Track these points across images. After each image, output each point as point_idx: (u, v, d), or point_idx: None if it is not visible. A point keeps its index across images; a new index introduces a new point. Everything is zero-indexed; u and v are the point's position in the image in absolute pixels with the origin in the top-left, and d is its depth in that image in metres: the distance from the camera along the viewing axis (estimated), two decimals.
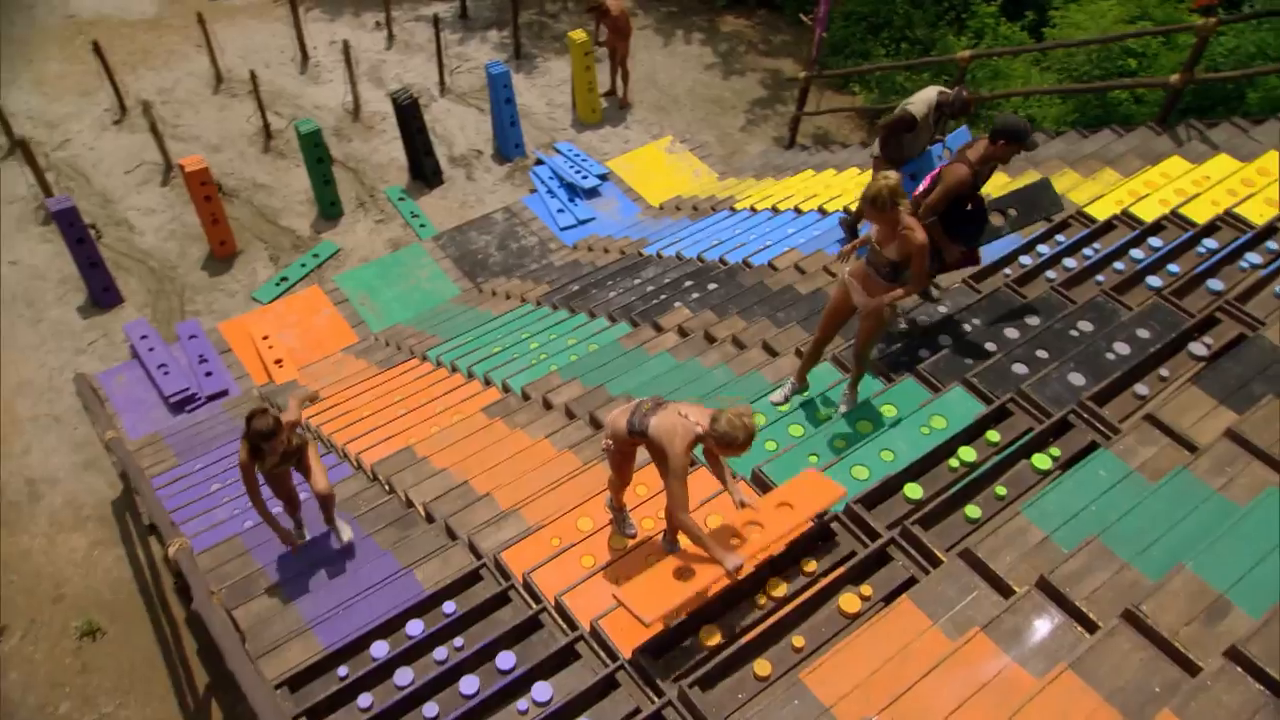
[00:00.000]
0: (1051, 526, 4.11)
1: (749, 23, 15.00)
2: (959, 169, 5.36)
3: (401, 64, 13.62)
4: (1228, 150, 7.41)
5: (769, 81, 13.82)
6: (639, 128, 12.79)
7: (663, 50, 14.29)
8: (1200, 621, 3.46)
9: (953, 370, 5.54)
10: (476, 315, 9.21)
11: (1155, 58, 11.99)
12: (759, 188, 10.64)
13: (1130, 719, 3.23)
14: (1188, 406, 4.58)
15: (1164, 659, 3.38)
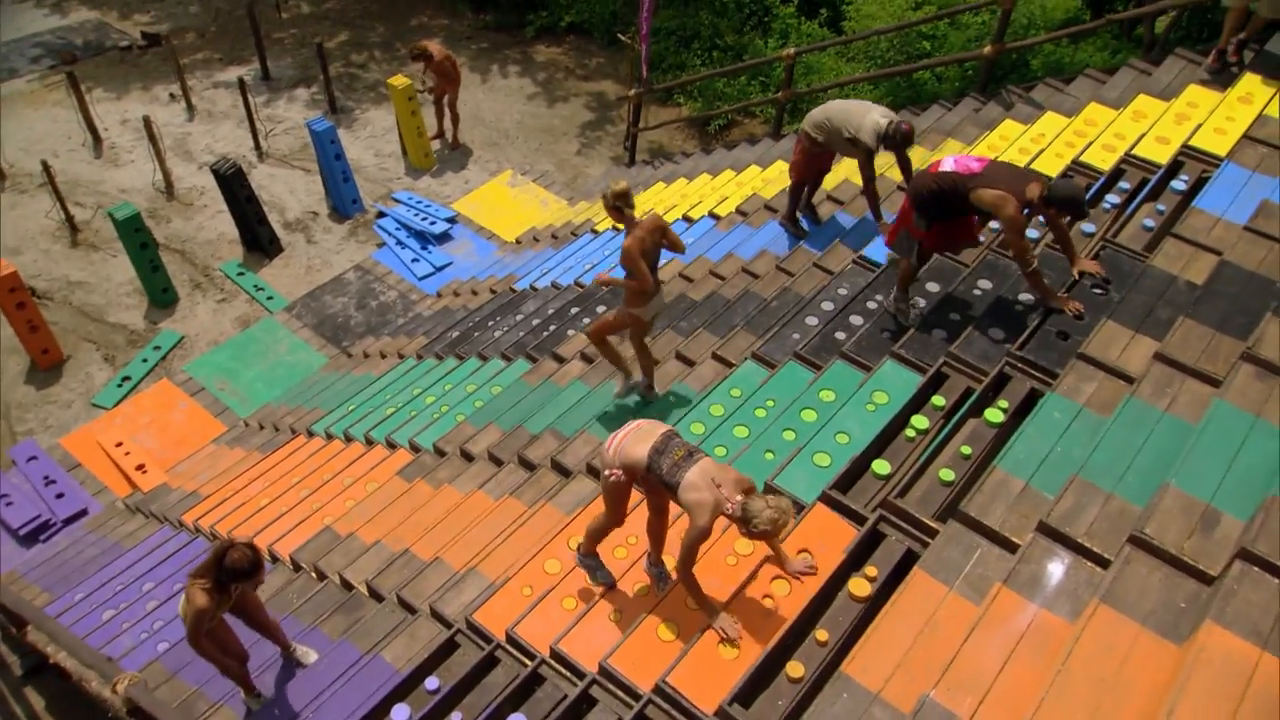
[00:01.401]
0: (1028, 474, 4.22)
1: (561, 50, 15.04)
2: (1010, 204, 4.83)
3: (209, 134, 12.78)
4: (1052, 108, 8.00)
5: (594, 105, 13.89)
6: (476, 167, 12.54)
7: (482, 87, 14.09)
8: (1199, 533, 3.62)
9: (876, 347, 5.65)
10: (355, 380, 8.69)
11: (945, 38, 12.89)
12: None
13: (1170, 638, 3.34)
14: (1110, 340, 4.84)
15: (1179, 574, 3.52)
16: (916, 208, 5.25)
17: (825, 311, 6.36)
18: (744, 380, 5.93)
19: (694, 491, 3.78)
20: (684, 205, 9.61)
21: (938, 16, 11.15)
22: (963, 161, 5.06)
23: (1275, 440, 3.94)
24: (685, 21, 14.23)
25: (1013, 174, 4.97)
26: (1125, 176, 6.46)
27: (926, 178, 5.18)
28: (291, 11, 15.81)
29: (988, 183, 4.89)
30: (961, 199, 4.98)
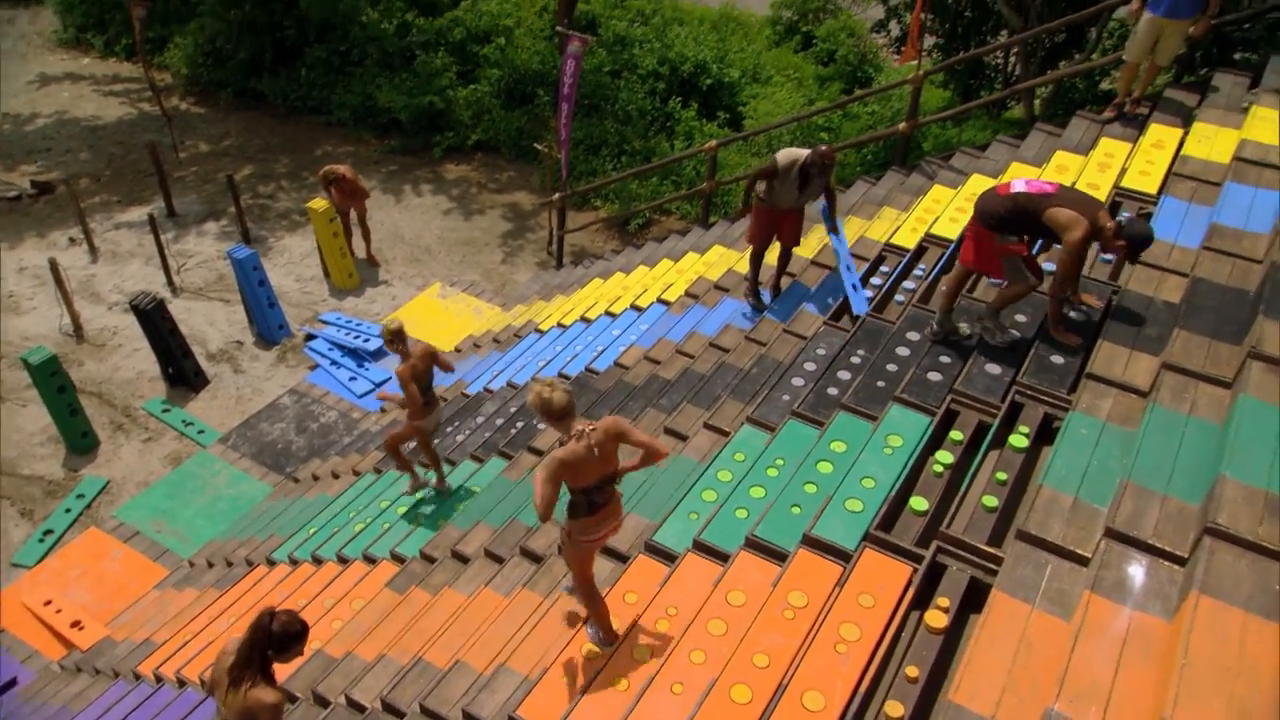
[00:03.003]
0: (1074, 488, 4.23)
1: (471, 167, 15.19)
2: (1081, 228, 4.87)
3: (116, 274, 12.24)
4: (975, 171, 8.45)
5: (510, 215, 13.99)
6: (401, 283, 12.35)
7: (398, 207, 14.04)
8: (1268, 518, 3.66)
9: (875, 396, 5.67)
10: (309, 503, 8.19)
11: (839, 129, 13.67)
12: (553, 307, 10.59)
13: (1276, 619, 3.32)
14: (1111, 359, 4.99)
15: (1263, 559, 3.53)
16: (998, 229, 5.16)
17: (810, 372, 6.38)
18: (745, 445, 5.83)
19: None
20: (628, 296, 9.64)
21: (832, 108, 11.89)
22: (1035, 184, 5.12)
23: None
24: (592, 131, 14.64)
25: (1085, 200, 5.02)
26: None
27: (996, 200, 5.18)
28: (189, 150, 15.55)
29: (1063, 203, 4.94)
30: (1033, 219, 5.00)
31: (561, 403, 4.12)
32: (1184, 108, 7.79)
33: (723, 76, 15.47)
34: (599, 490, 4.28)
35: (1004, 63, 15.54)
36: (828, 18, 18.18)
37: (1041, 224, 5.02)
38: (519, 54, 15.73)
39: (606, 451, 4.19)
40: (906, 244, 7.58)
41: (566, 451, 4.09)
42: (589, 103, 14.74)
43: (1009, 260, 5.27)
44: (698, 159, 13.15)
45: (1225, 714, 3.06)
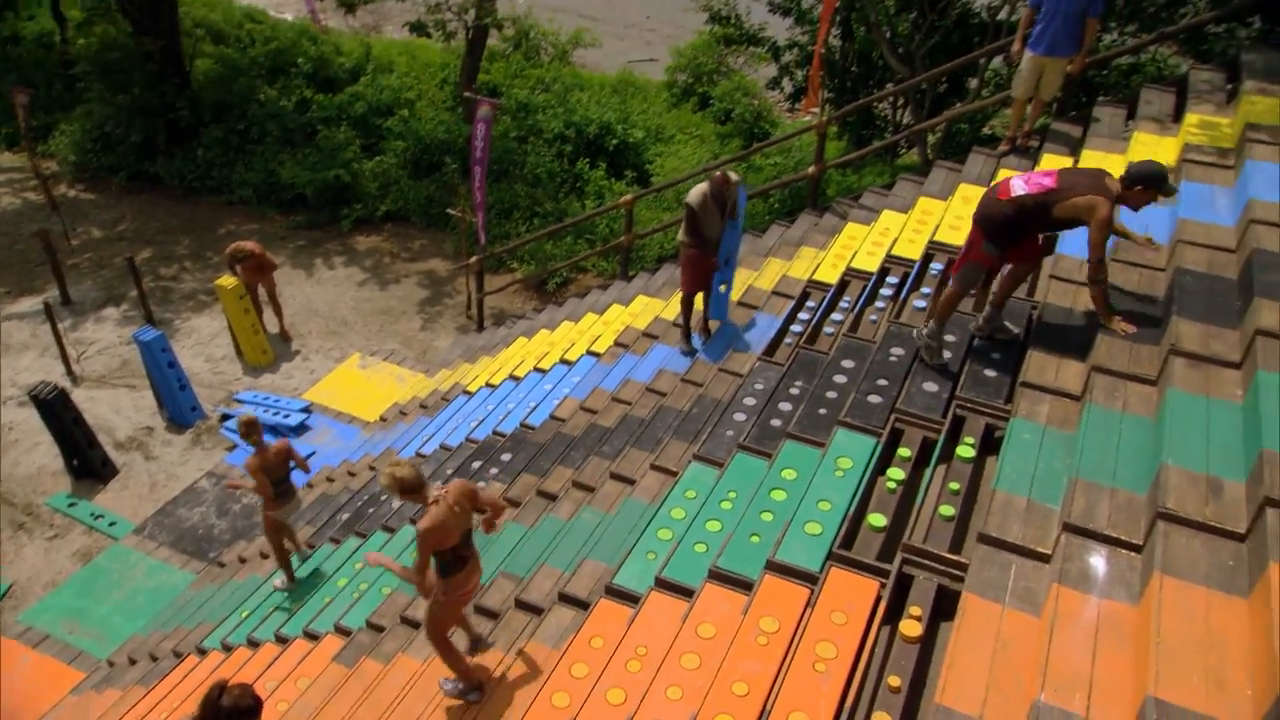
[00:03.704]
0: (1026, 490, 4.35)
1: (382, 237, 15.04)
2: (1103, 204, 4.76)
3: (9, 368, 11.62)
4: (885, 208, 8.78)
5: (426, 282, 13.87)
6: (319, 356, 12.06)
7: (309, 280, 13.77)
8: (1212, 500, 3.83)
9: (819, 424, 5.74)
10: (239, 586, 7.80)
11: (745, 179, 14.04)
12: (479, 368, 10.47)
13: (1236, 593, 3.44)
14: (1042, 367, 5.18)
15: (1215, 538, 3.68)
16: (989, 236, 5.15)
17: (750, 406, 6.44)
18: (695, 482, 5.82)
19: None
20: (555, 351, 9.61)
21: (736, 158, 12.27)
22: (1034, 180, 5.01)
23: (1231, 412, 4.29)
24: (502, 195, 14.72)
25: (1088, 176, 4.93)
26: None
27: (998, 205, 5.07)
28: (81, 237, 15.01)
29: (1071, 191, 4.86)
30: (1045, 216, 4.94)
31: (412, 477, 4.59)
32: (1070, 138, 8.28)
33: (627, 137, 15.78)
34: (464, 545, 4.78)
35: (893, 113, 16.33)
36: (722, 79, 18.80)
37: (1054, 218, 4.95)
38: (423, 125, 15.77)
39: (464, 509, 4.71)
40: (829, 279, 7.79)
41: (431, 519, 4.56)
42: (498, 168, 14.83)
43: (972, 266, 5.29)
44: (610, 216, 13.33)
45: (1203, 685, 3.14)
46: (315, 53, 17.28)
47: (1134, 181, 4.82)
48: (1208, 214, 5.97)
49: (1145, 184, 4.81)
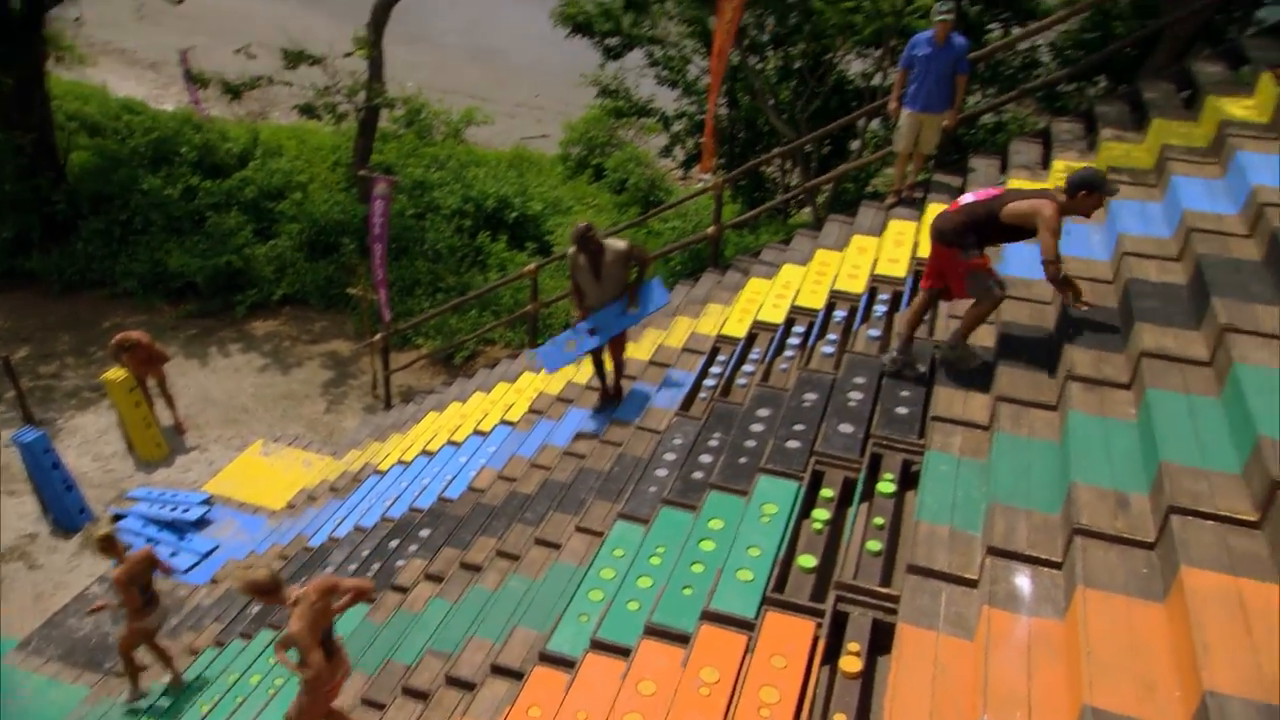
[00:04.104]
0: (948, 519, 4.46)
1: (280, 321, 14.68)
2: (1047, 206, 4.95)
3: None
4: (785, 261, 9.06)
5: (329, 364, 13.57)
6: (218, 446, 11.59)
7: (204, 370, 13.30)
8: (1120, 513, 4.00)
9: (740, 472, 5.79)
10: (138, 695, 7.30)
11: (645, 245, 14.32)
12: (389, 446, 10.24)
13: (1153, 599, 3.58)
14: (949, 401, 5.36)
15: (1128, 548, 3.84)
16: (959, 244, 5.22)
17: (671, 461, 6.45)
18: (622, 541, 5.78)
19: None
20: (468, 423, 9.48)
21: (634, 224, 12.54)
22: (981, 193, 5.29)
23: (1129, 429, 4.52)
24: (403, 273, 14.61)
25: (1033, 190, 5.20)
26: (880, 293, 7.38)
27: (951, 216, 5.27)
28: None
29: (1016, 197, 5.06)
30: (992, 222, 5.11)
31: (266, 580, 4.86)
32: (951, 187, 8.73)
33: (526, 209, 15.94)
34: (329, 639, 4.98)
35: (782, 175, 16.96)
36: (614, 150, 19.24)
37: (1001, 225, 5.11)
38: (317, 206, 15.59)
39: (326, 604, 4.94)
40: (737, 333, 7.94)
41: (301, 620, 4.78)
42: (398, 245, 14.73)
43: (973, 276, 5.30)
44: (515, 286, 13.35)
45: (1134, 690, 3.24)
46: (200, 140, 16.96)
47: (1077, 188, 4.96)
48: (1084, 250, 6.34)
49: (1089, 188, 4.95)
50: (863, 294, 7.43)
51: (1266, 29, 8.77)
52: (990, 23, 14.50)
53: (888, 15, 13.01)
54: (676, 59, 16.42)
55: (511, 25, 31.71)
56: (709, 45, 13.25)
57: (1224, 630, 3.25)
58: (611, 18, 15.01)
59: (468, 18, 33.16)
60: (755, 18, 15.57)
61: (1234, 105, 7.13)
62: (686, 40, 16.12)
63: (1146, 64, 10.47)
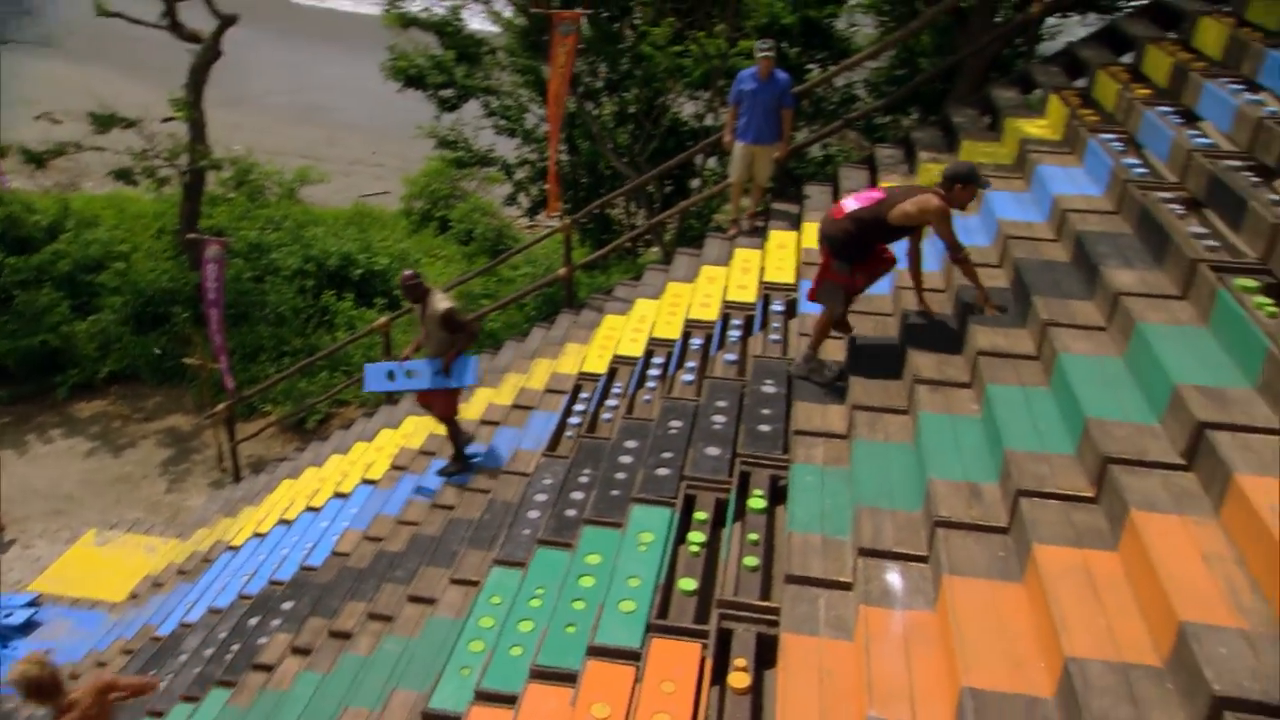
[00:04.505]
0: (819, 528, 4.58)
1: (108, 401, 13.72)
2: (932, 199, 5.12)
3: None
4: (638, 297, 9.20)
5: (168, 440, 12.77)
6: (44, 541, 10.67)
7: (22, 459, 12.25)
8: (975, 502, 4.22)
9: (613, 505, 5.77)
10: None
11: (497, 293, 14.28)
12: (242, 520, 9.68)
13: (1012, 580, 3.78)
14: (808, 415, 5.54)
15: (985, 535, 4.04)
16: (836, 255, 5.34)
17: (542, 502, 6.38)
18: (499, 587, 5.64)
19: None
20: (327, 487, 9.10)
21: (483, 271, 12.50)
22: (863, 196, 5.36)
23: (974, 424, 4.79)
24: (244, 339, 13.97)
25: (913, 187, 5.42)
26: (733, 319, 7.58)
27: (837, 224, 5.30)
28: None
29: (900, 196, 5.19)
30: (881, 225, 5.20)
31: (42, 675, 4.54)
32: (790, 214, 9.12)
33: (372, 265, 15.57)
34: None
35: (627, 216, 17.28)
36: (458, 201, 19.12)
37: (891, 226, 5.23)
38: (142, 276, 14.72)
39: (104, 706, 4.74)
40: (598, 369, 7.97)
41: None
42: (236, 310, 14.07)
43: (830, 286, 5.45)
44: (365, 344, 12.98)
45: (1005, 668, 3.40)
46: (2, 214, 15.72)
47: (954, 181, 5.17)
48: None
49: (964, 181, 5.16)
50: (716, 321, 7.61)
51: (1047, 58, 9.64)
52: (809, 63, 15.35)
53: (714, 58, 13.57)
54: (514, 108, 16.55)
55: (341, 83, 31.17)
56: (544, 93, 13.44)
57: (1077, 600, 3.45)
58: (444, 70, 15.00)
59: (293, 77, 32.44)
60: (588, 65, 15.93)
61: (1030, 125, 7.78)
62: (522, 89, 16.29)
63: (951, 94, 11.32)
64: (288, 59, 33.86)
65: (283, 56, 34.09)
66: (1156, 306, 4.76)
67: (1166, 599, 3.18)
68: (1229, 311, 4.36)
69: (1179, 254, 4.97)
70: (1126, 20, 8.83)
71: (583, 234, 17.14)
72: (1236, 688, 2.84)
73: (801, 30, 15.17)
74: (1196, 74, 6.60)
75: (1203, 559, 3.32)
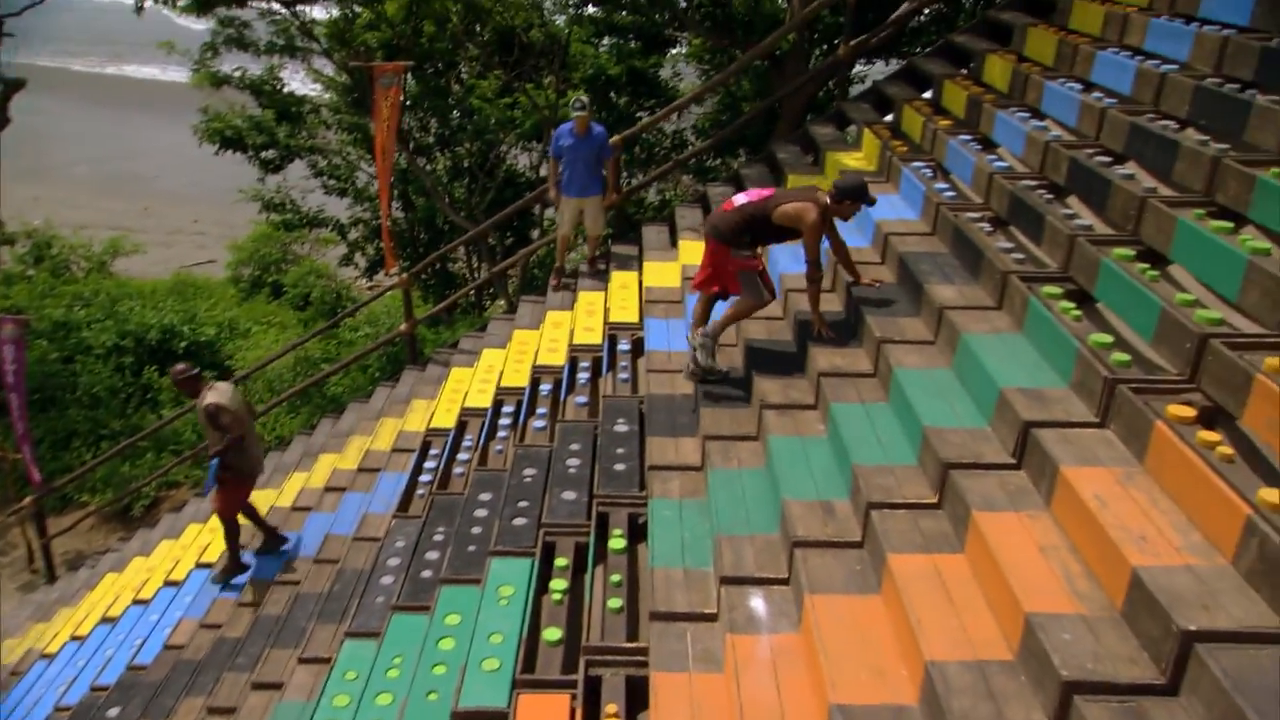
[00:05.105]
0: (680, 561, 4.54)
1: None
2: (811, 210, 5.26)
3: None
4: (486, 347, 9.02)
5: None
6: None
7: None
8: (829, 519, 4.28)
9: (470, 561, 5.56)
10: None
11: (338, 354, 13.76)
12: (58, 623, 8.81)
13: (870, 593, 3.84)
14: (661, 450, 5.52)
15: (841, 550, 4.09)
16: (731, 243, 5.37)
17: (396, 566, 6.08)
18: (353, 661, 5.31)
19: None
20: (157, 576, 8.40)
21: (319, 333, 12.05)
22: (753, 193, 5.48)
23: (822, 443, 4.88)
24: (54, 425, 12.90)
25: (803, 190, 5.51)
26: (581, 360, 7.53)
27: (726, 215, 5.41)
28: None
29: (785, 199, 5.31)
30: (764, 222, 5.32)
31: None
32: (630, 256, 9.19)
33: (197, 337, 14.75)
34: None
35: (470, 269, 17.10)
36: (291, 266, 18.42)
37: (774, 225, 5.36)
38: None
39: None
40: (446, 424, 7.74)
41: None
42: (41, 395, 12.99)
43: (745, 275, 5.46)
44: (193, 419, 12.18)
45: (870, 680, 3.42)
46: None
47: (845, 195, 5.40)
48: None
49: (852, 197, 5.41)
50: (564, 365, 7.54)
51: (858, 96, 10.20)
52: (638, 111, 15.74)
53: (544, 109, 13.72)
54: (343, 166, 16.20)
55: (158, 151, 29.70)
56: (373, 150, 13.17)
57: (930, 605, 3.53)
58: (264, 130, 14.50)
59: (103, 147, 30.66)
60: (418, 120, 15.80)
61: (847, 158, 8.17)
62: (350, 147, 15.97)
63: (775, 133, 11.82)
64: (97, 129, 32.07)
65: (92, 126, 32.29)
66: (977, 318, 5.02)
67: (1011, 593, 3.29)
68: (1040, 318, 4.65)
69: (991, 268, 5.28)
70: (924, 59, 9.45)
71: (426, 291, 16.83)
72: (1082, 671, 2.95)
73: (628, 80, 15.59)
74: (988, 105, 7.12)
75: (1040, 551, 3.47)
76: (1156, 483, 3.52)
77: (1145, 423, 3.66)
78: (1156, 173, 5.31)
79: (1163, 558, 3.09)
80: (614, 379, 7.04)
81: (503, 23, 14.19)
